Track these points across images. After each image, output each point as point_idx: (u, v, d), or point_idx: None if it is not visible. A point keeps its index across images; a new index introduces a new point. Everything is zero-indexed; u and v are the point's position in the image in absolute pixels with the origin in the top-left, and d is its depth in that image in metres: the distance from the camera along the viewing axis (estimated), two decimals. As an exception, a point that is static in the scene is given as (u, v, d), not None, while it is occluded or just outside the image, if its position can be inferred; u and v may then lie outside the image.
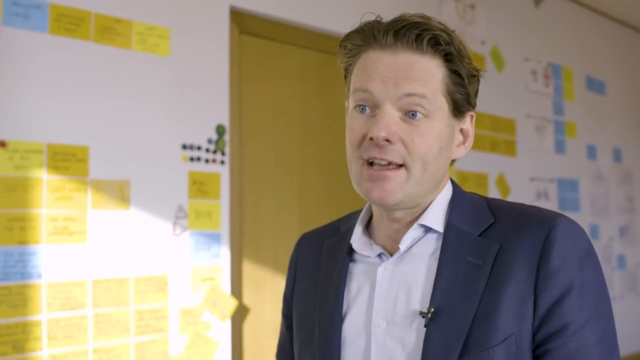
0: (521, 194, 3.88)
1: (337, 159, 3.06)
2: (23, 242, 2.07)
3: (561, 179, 4.27)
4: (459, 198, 1.15)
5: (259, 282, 2.73)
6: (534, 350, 1.02)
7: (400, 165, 1.05)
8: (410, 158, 1.05)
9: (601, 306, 1.03)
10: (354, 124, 1.09)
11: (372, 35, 1.09)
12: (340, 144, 3.07)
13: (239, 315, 2.62)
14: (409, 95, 1.04)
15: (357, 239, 1.18)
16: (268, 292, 2.76)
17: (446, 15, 3.50)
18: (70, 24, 2.22)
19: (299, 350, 1.22)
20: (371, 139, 1.05)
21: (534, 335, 1.02)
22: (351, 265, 1.19)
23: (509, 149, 3.88)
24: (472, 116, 1.15)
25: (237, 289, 2.62)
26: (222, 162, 2.58)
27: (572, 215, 3.10)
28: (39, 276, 2.09)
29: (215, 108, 2.58)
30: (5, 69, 2.07)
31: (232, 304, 2.55)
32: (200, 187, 2.51)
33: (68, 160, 2.18)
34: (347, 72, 1.15)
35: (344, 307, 1.15)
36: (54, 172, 2.14)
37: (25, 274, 2.07)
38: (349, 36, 1.13)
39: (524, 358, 1.01)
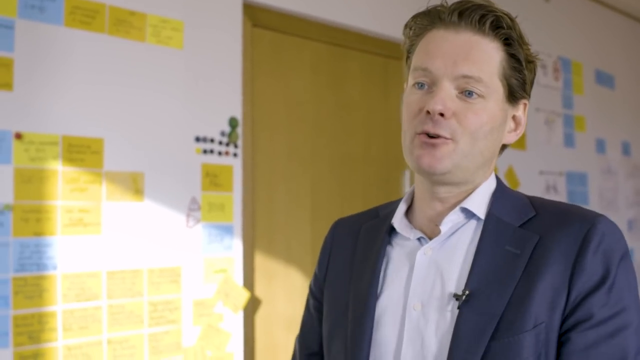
0: (530, 188, 3.88)
1: (349, 152, 3.07)
2: (39, 233, 2.08)
3: (570, 172, 4.27)
4: (502, 191, 1.17)
5: (271, 274, 2.74)
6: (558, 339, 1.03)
7: (450, 139, 1.08)
8: (460, 132, 1.07)
9: (630, 306, 1.03)
10: (411, 99, 1.12)
11: (438, 15, 1.12)
12: (352, 137, 3.09)
13: (251, 307, 2.63)
14: (465, 76, 1.07)
15: (399, 219, 1.19)
16: (280, 284, 2.77)
17: (457, 9, 3.50)
18: (85, 16, 2.22)
19: (329, 329, 1.22)
20: (427, 112, 1.07)
21: (561, 326, 1.02)
22: (389, 248, 1.20)
23: (519, 142, 3.88)
24: (525, 104, 1.17)
25: (249, 281, 2.63)
26: (235, 155, 2.59)
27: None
28: (54, 267, 2.11)
29: (228, 101, 2.58)
30: (21, 61, 2.08)
31: (244, 295, 2.56)
32: (213, 179, 2.52)
33: (83, 152, 2.19)
34: (410, 52, 1.18)
35: (380, 286, 1.16)
36: (69, 164, 2.16)
37: (40, 265, 2.08)
38: (415, 17, 1.17)
39: (550, 347, 1.02)
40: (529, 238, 1.07)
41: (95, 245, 2.20)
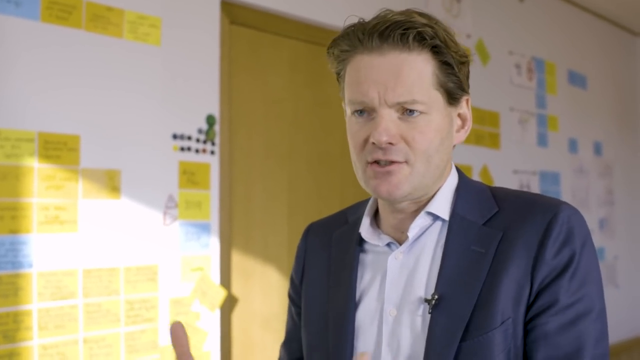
0: (504, 187, 3.91)
1: (326, 150, 3.08)
2: (14, 231, 2.06)
3: (543, 171, 4.32)
4: (464, 186, 1.18)
5: (248, 272, 2.74)
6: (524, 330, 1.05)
7: (404, 162, 1.08)
8: (412, 154, 1.08)
9: (592, 292, 1.05)
10: (354, 129, 1.12)
11: (358, 39, 1.10)
12: (330, 135, 3.09)
13: (228, 305, 2.63)
14: (399, 103, 1.06)
15: (366, 229, 1.20)
16: (257, 282, 2.76)
17: (432, 9, 3.52)
18: (62, 11, 2.20)
19: (309, 340, 1.24)
20: (373, 143, 1.07)
21: (526, 315, 1.05)
22: (362, 255, 1.21)
23: (493, 141, 3.91)
24: (467, 99, 1.17)
25: (226, 279, 2.62)
26: (212, 152, 2.58)
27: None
28: (30, 265, 2.08)
29: (205, 98, 2.57)
30: (-4, 56, 2.06)
31: (221, 294, 2.55)
32: (190, 177, 2.51)
33: (59, 149, 2.17)
34: (339, 76, 1.16)
35: (357, 295, 1.18)
36: (45, 161, 2.13)
37: (16, 264, 2.06)
38: (335, 42, 1.15)
39: (518, 339, 1.04)
40: (493, 236, 1.09)
41: (71, 243, 2.18)
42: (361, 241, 1.22)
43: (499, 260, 1.06)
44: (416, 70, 1.07)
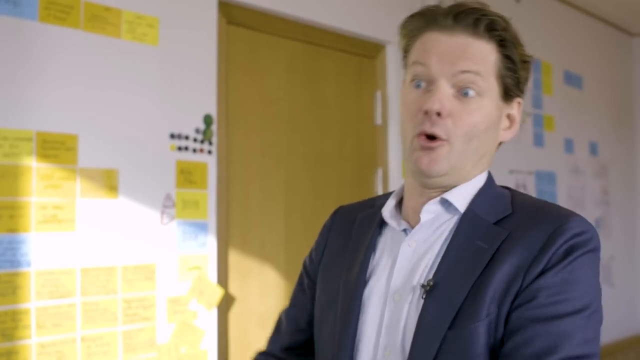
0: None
1: (323, 150, 3.09)
2: (12, 230, 2.07)
3: (539, 171, 4.34)
4: (487, 189, 1.20)
5: (245, 271, 2.75)
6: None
7: (445, 140, 1.11)
8: (454, 133, 1.11)
9: (583, 295, 1.03)
10: (409, 98, 1.15)
11: (433, 17, 1.15)
12: (326, 135, 3.11)
13: (225, 304, 2.64)
14: (464, 72, 1.10)
15: (389, 210, 1.23)
16: (254, 281, 2.78)
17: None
18: (60, 11, 2.21)
19: (321, 312, 1.26)
20: (425, 112, 1.10)
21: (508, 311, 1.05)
22: (379, 237, 1.24)
23: (489, 141, 3.92)
24: (519, 103, 1.20)
25: (223, 278, 2.63)
26: (210, 152, 2.59)
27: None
28: (28, 264, 2.09)
29: (203, 98, 2.58)
30: (-5, 56, 2.06)
31: (218, 292, 2.56)
32: (187, 176, 2.52)
33: (57, 149, 2.18)
34: (406, 52, 1.20)
35: (367, 274, 1.20)
36: (43, 160, 2.14)
37: (14, 262, 2.07)
38: (410, 18, 1.19)
39: (499, 334, 1.04)
40: (498, 234, 1.10)
41: (69, 242, 2.19)
42: (382, 224, 1.24)
43: (499, 256, 1.07)
44: (481, 54, 1.12)
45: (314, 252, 1.38)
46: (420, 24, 1.17)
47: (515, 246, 1.07)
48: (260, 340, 2.75)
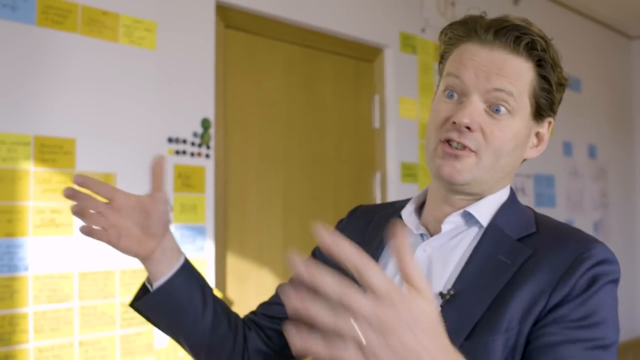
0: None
1: (321, 152, 3.09)
2: (10, 234, 2.07)
3: (538, 174, 4.34)
4: (511, 204, 1.18)
5: (243, 275, 2.74)
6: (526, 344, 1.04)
7: (474, 152, 1.10)
8: (485, 147, 1.09)
9: (606, 324, 1.04)
10: (440, 107, 1.14)
11: (474, 29, 1.13)
12: (324, 138, 3.11)
13: (223, 308, 2.63)
14: (497, 90, 1.09)
15: (408, 213, 1.21)
16: (252, 285, 2.77)
17: (427, 12, 3.54)
18: (58, 15, 2.21)
19: None
20: (454, 123, 1.09)
21: (530, 331, 1.03)
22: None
23: (488, 144, 3.93)
24: (550, 122, 1.19)
25: (221, 282, 2.63)
26: (207, 156, 2.59)
27: (548, 211, 3.14)
28: (26, 268, 2.09)
29: (200, 102, 2.58)
30: (-8, 60, 2.07)
31: (216, 296, 2.56)
32: (185, 180, 2.52)
33: (55, 153, 2.18)
34: (443, 58, 1.19)
35: None
36: (40, 165, 2.14)
37: (12, 267, 2.06)
38: (452, 25, 1.18)
39: (517, 352, 1.03)
40: (522, 251, 1.09)
41: (67, 246, 2.19)
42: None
43: (522, 274, 1.06)
44: (518, 72, 1.10)
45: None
46: (460, 33, 1.15)
47: (538, 266, 1.06)
48: (258, 344, 2.74)
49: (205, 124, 2.58)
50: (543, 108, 1.14)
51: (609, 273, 1.06)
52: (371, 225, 1.29)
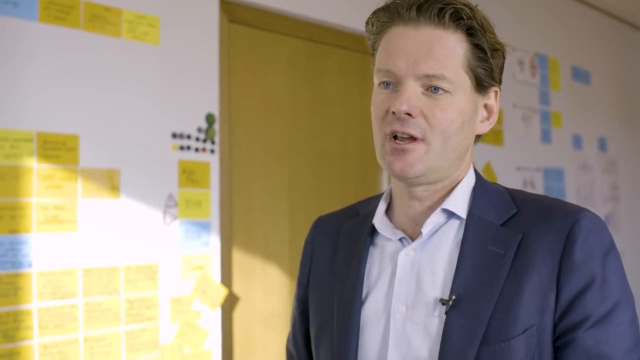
0: (507, 184, 3.86)
1: (326, 147, 3.07)
2: (13, 231, 2.07)
3: (547, 168, 4.31)
4: (481, 186, 1.16)
5: (248, 270, 2.74)
6: (554, 341, 1.03)
7: (421, 140, 1.07)
8: (430, 132, 1.06)
9: (623, 299, 1.04)
10: (377, 99, 1.11)
11: (397, 10, 1.10)
12: (330, 132, 3.09)
13: (229, 304, 2.63)
14: (427, 76, 1.06)
15: (379, 220, 1.18)
16: (258, 280, 2.77)
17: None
18: (60, 11, 2.20)
19: (316, 333, 1.22)
20: (393, 113, 1.06)
21: (555, 327, 1.02)
22: (371, 248, 1.19)
23: (496, 138, 3.90)
24: (496, 92, 1.15)
25: (227, 278, 2.62)
26: (212, 151, 2.58)
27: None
28: (30, 265, 2.09)
29: (205, 97, 2.57)
30: (-6, 57, 2.06)
31: (222, 292, 2.55)
32: (190, 175, 2.51)
33: (58, 149, 2.17)
34: (374, 49, 1.16)
35: (364, 291, 1.15)
36: (44, 161, 2.14)
37: (15, 263, 2.06)
38: (375, 14, 1.14)
39: (544, 350, 1.02)
40: (512, 237, 1.07)
41: (71, 243, 2.19)
42: (372, 233, 1.19)
43: (520, 264, 1.04)
44: (448, 48, 1.07)
45: (300, 273, 1.33)
46: (384, 19, 1.12)
47: (535, 251, 1.04)
48: (264, 339, 2.74)
49: (210, 119, 2.58)
50: (483, 78, 1.11)
51: (603, 242, 1.05)
52: (341, 236, 1.25)
